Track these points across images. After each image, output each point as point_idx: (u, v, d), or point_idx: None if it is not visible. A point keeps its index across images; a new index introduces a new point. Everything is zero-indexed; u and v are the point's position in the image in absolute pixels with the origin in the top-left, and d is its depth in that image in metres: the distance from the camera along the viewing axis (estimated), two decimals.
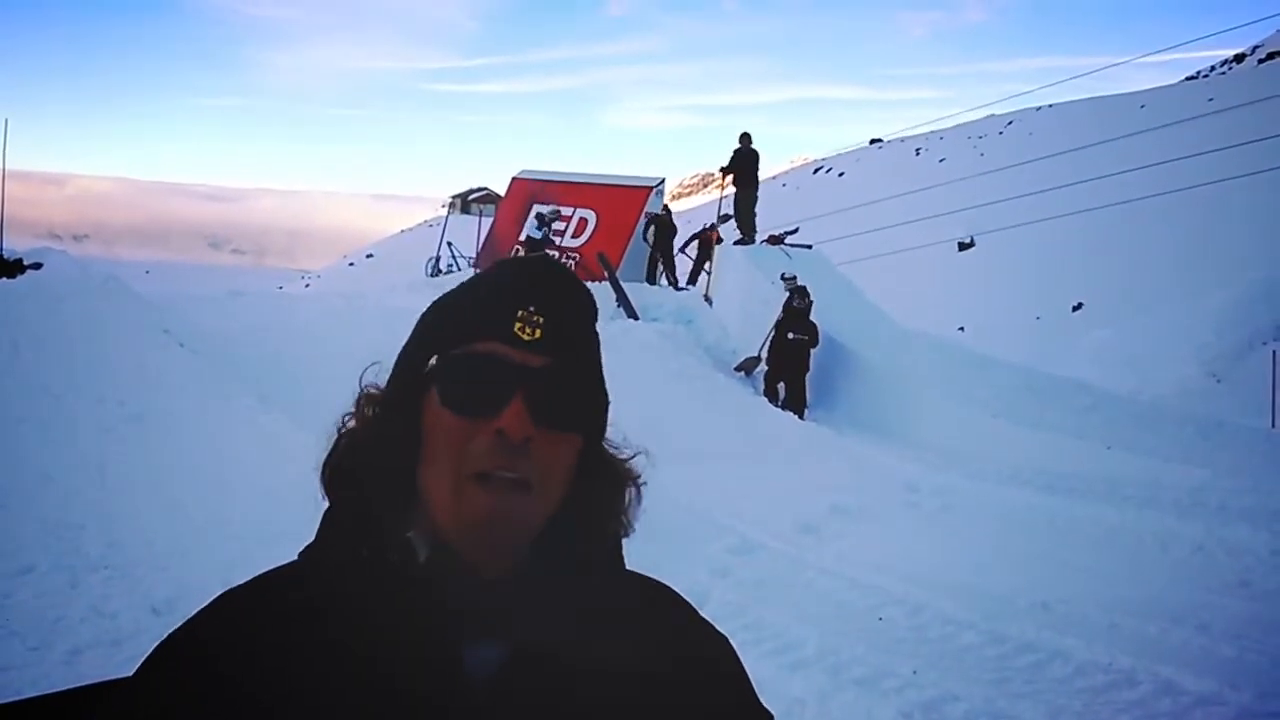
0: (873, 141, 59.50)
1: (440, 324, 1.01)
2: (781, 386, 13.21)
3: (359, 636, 0.89)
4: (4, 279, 14.48)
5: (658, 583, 1.08)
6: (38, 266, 16.27)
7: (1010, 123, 46.49)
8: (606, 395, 1.04)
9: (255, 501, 7.02)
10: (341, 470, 0.99)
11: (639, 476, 1.05)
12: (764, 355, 13.66)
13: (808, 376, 13.17)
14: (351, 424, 1.01)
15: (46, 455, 7.54)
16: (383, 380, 1.03)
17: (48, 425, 8.12)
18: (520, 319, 0.95)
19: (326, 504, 1.01)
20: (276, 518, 6.77)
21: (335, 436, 1.01)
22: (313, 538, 1.01)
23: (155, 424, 8.44)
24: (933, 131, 47.05)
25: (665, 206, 19.29)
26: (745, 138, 16.74)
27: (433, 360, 0.98)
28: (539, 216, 18.29)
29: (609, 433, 1.05)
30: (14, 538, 6.09)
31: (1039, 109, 46.65)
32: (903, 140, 51.54)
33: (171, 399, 8.96)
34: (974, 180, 25.83)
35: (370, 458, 0.98)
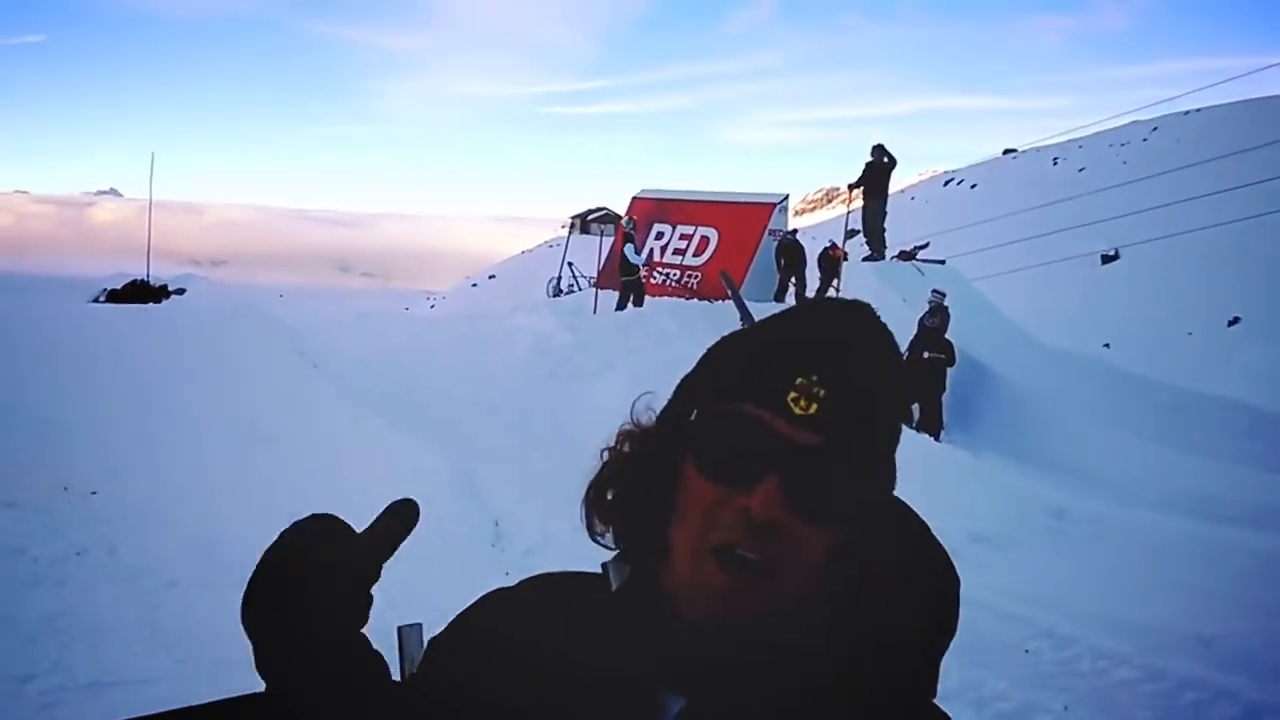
0: (1006, 152, 57.87)
1: (715, 370, 0.91)
2: (916, 408, 12.89)
3: (574, 663, 0.88)
4: (150, 304, 15.25)
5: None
6: (181, 292, 17.15)
7: (1155, 129, 44.62)
8: (894, 477, 0.90)
9: None
10: (598, 512, 0.96)
11: (955, 585, 0.89)
12: None
13: (944, 397, 12.82)
14: (610, 457, 0.96)
15: (188, 474, 7.83)
16: (658, 406, 0.96)
17: (189, 445, 8.45)
18: (798, 387, 0.82)
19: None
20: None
21: (599, 465, 0.96)
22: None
23: (290, 444, 8.69)
24: (1071, 140, 45.53)
25: (794, 230, 19.09)
26: (878, 150, 16.39)
27: (695, 412, 0.88)
28: (628, 236, 18.18)
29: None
30: (159, 553, 6.32)
31: (1186, 114, 44.65)
32: (1039, 150, 49.95)
33: (305, 420, 9.23)
34: (1117, 190, 24.77)
35: (624, 503, 0.94)
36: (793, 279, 18.47)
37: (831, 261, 18.11)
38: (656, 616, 0.86)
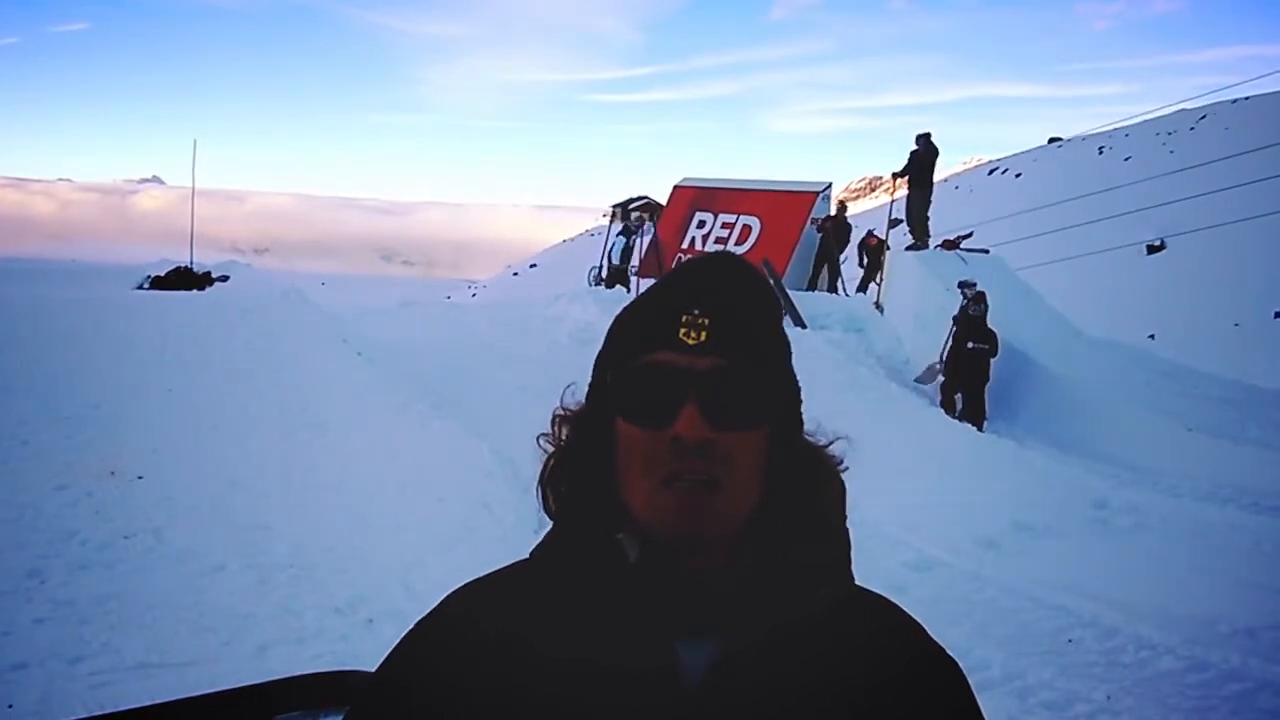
0: (1051, 140, 57.17)
1: (617, 338, 1.03)
2: (959, 397, 12.78)
3: (576, 632, 0.94)
4: (195, 290, 15.44)
5: (886, 600, 1.05)
6: (224, 279, 17.38)
7: (1203, 117, 43.85)
8: (795, 385, 1.03)
9: (428, 506, 7.21)
10: (553, 490, 1.04)
11: (840, 462, 1.05)
12: (940, 365, 13.25)
13: (987, 387, 12.70)
14: (550, 445, 1.06)
15: (233, 460, 7.92)
16: (580, 396, 1.07)
17: (235, 431, 8.55)
18: (685, 323, 0.96)
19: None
20: (448, 522, 6.96)
21: (544, 458, 1.06)
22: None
23: (335, 430, 8.77)
24: (1117, 129, 44.84)
25: (842, 204, 18.86)
26: (922, 138, 16.22)
27: (610, 376, 1.00)
28: (625, 231, 18.76)
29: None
30: (206, 538, 6.41)
31: (1235, 102, 43.84)
32: (1084, 139, 49.29)
33: (350, 406, 9.31)
34: (1163, 179, 24.38)
35: (572, 475, 1.03)
36: (825, 266, 18.20)
37: (872, 251, 17.90)
38: (667, 572, 0.95)
